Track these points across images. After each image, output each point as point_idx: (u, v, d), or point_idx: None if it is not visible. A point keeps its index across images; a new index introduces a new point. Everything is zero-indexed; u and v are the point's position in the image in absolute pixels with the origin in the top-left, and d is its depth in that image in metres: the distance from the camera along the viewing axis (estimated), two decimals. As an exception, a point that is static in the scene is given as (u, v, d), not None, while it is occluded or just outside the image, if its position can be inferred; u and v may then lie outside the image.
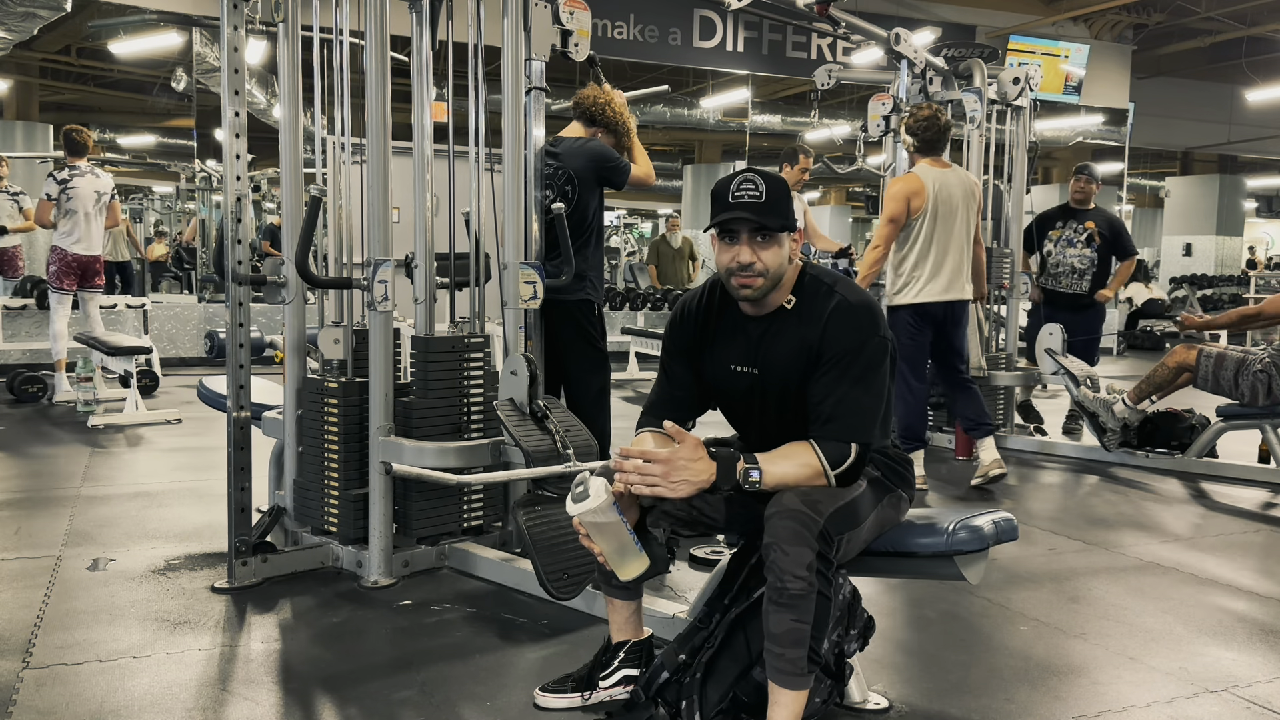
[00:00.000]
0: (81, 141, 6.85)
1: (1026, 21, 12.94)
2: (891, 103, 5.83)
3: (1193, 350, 5.10)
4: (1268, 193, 21.78)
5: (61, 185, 6.71)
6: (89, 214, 6.78)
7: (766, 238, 2.14)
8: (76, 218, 6.74)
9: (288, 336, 3.46)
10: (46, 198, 6.72)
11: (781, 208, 2.14)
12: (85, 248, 6.82)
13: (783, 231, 2.15)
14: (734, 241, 2.16)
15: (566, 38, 3.48)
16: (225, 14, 3.21)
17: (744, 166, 2.21)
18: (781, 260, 2.17)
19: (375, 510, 3.25)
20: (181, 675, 2.55)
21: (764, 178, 2.14)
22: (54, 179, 6.73)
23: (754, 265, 2.14)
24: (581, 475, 2.06)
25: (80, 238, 6.78)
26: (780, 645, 2.00)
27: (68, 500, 4.32)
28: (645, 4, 10.87)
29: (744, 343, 2.27)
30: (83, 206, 6.74)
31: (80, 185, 6.74)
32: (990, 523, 2.25)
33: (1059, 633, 2.97)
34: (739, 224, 2.14)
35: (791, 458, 2.10)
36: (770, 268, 2.15)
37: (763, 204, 2.12)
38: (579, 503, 2.02)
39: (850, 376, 2.13)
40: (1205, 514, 4.51)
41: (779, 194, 2.14)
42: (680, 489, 2.04)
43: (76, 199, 6.72)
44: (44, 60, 13.38)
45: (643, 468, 2.03)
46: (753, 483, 2.06)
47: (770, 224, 2.13)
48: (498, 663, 2.67)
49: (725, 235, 2.17)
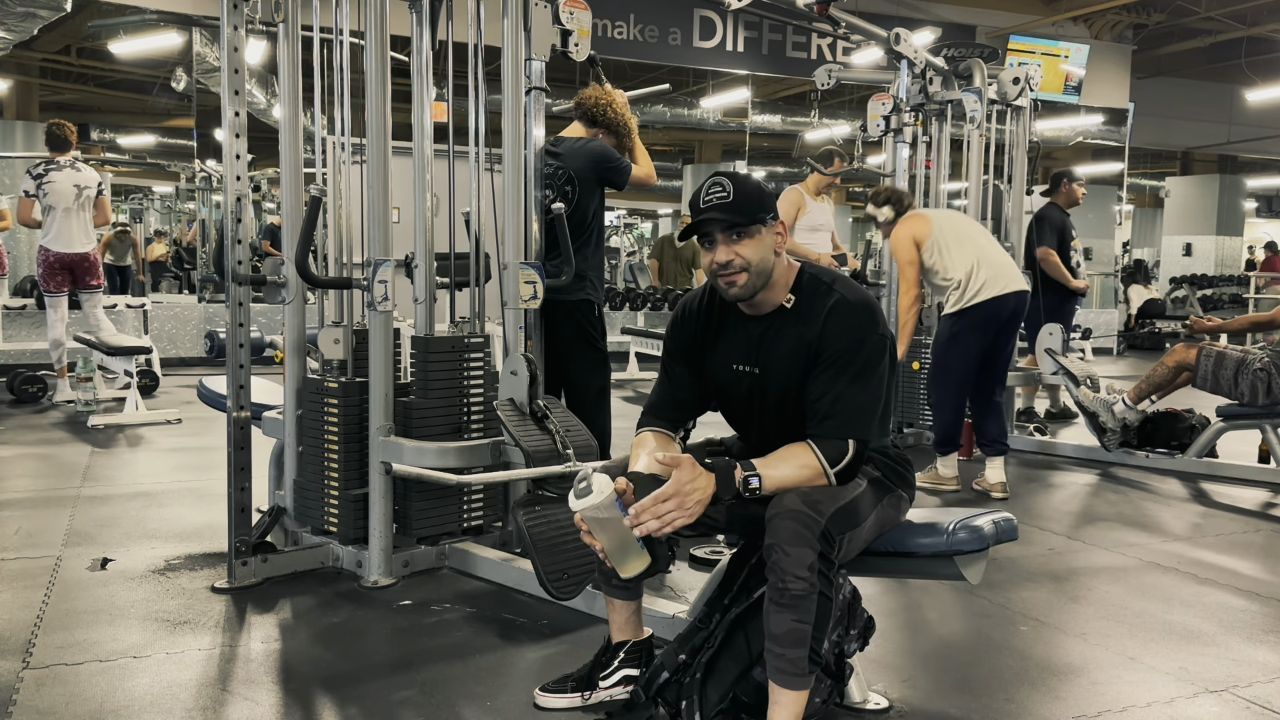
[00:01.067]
0: (63, 136, 6.62)
1: (1026, 21, 12.94)
2: (891, 103, 5.83)
3: (1192, 350, 5.11)
4: (1268, 193, 21.77)
5: (37, 180, 6.50)
6: (68, 209, 6.54)
7: (740, 234, 2.16)
8: (54, 214, 6.52)
9: (288, 336, 3.46)
10: (25, 194, 6.53)
11: (748, 204, 2.15)
12: (65, 245, 6.57)
13: (754, 224, 2.16)
14: (712, 245, 2.19)
15: (566, 38, 3.48)
16: (225, 14, 3.21)
17: (716, 172, 2.23)
18: (763, 253, 2.17)
19: (375, 510, 3.25)
20: (181, 675, 2.55)
21: (730, 178, 2.17)
22: (30, 174, 6.53)
23: (732, 262, 2.16)
24: (584, 471, 2.05)
25: (58, 235, 6.55)
26: (781, 645, 2.00)
27: (68, 500, 4.32)
28: (645, 4, 10.87)
29: (745, 343, 2.27)
30: (61, 202, 6.51)
31: (57, 180, 6.51)
32: (990, 523, 2.25)
33: (1059, 633, 2.97)
34: (710, 225, 2.17)
35: (789, 460, 2.10)
36: (752, 261, 2.16)
37: (730, 202, 2.14)
38: (581, 498, 2.01)
39: (848, 374, 2.13)
40: (1205, 514, 4.51)
41: (746, 191, 2.16)
42: (697, 510, 2.03)
43: (53, 194, 6.50)
44: (44, 60, 13.38)
45: (658, 510, 2.01)
46: (752, 489, 2.06)
47: (738, 220, 2.15)
48: (498, 663, 2.67)
49: (704, 241, 2.20)
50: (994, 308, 4.62)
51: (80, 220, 6.63)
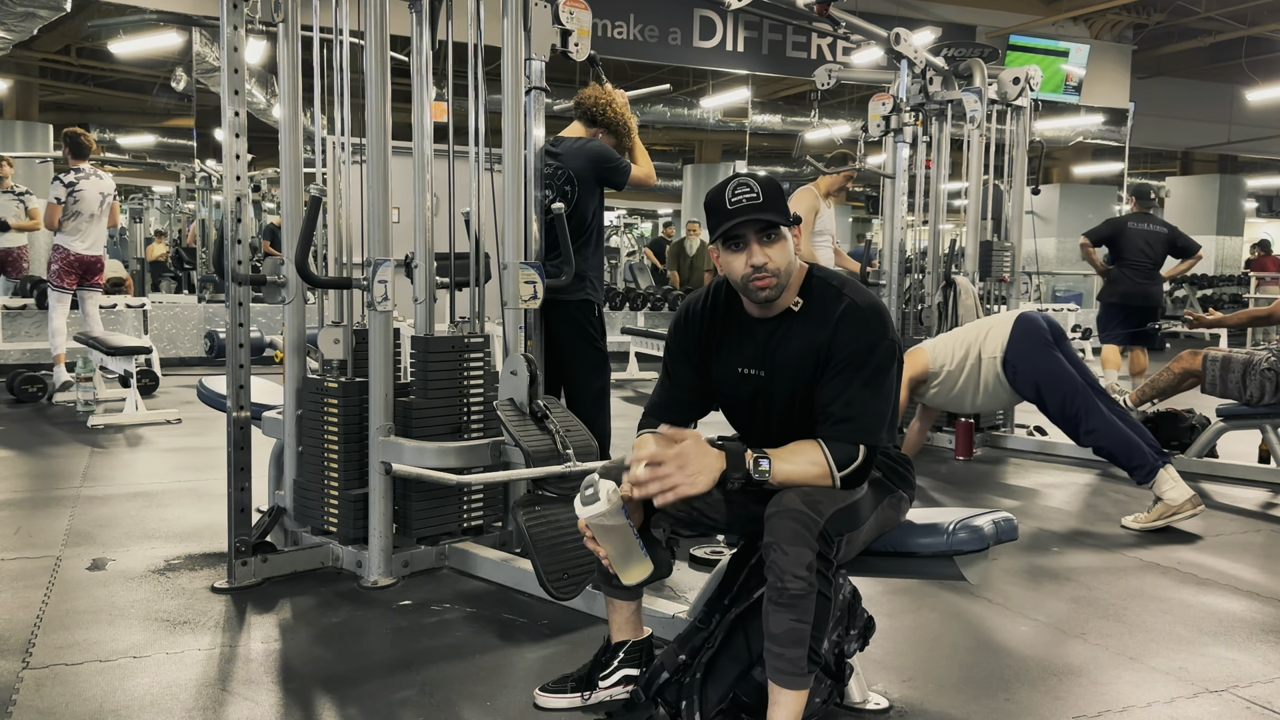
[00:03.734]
0: (85, 144, 6.93)
1: (1026, 21, 12.94)
2: (891, 103, 5.83)
3: (1198, 356, 5.10)
4: (1268, 193, 21.78)
5: (69, 188, 6.79)
6: (94, 215, 6.87)
7: (772, 237, 2.15)
8: (82, 219, 6.82)
9: (288, 336, 3.46)
10: (55, 201, 6.78)
11: (779, 204, 2.15)
12: (89, 248, 6.91)
13: (785, 227, 2.17)
14: (741, 247, 2.16)
15: (566, 37, 3.48)
16: (225, 14, 3.21)
17: (734, 172, 2.22)
18: (789, 257, 2.17)
19: (375, 510, 3.25)
20: (181, 675, 2.55)
21: (756, 179, 2.16)
22: (61, 182, 6.80)
23: (767, 265, 2.14)
24: (590, 477, 2.05)
25: (85, 238, 6.87)
26: (780, 645, 2.00)
27: (68, 500, 4.32)
28: (645, 4, 10.87)
29: (751, 345, 2.27)
30: (88, 209, 6.83)
31: (86, 188, 6.83)
32: (990, 523, 2.25)
33: (1059, 633, 2.97)
34: (744, 228, 2.14)
35: (800, 455, 2.10)
36: (780, 267, 2.15)
37: (761, 204, 2.12)
38: (588, 505, 2.00)
39: (860, 379, 2.13)
40: (1205, 514, 4.50)
41: (774, 192, 2.15)
42: (699, 480, 2.01)
43: (83, 201, 6.81)
44: (44, 60, 13.39)
45: (656, 472, 2.00)
46: (762, 471, 2.05)
47: (775, 220, 2.13)
48: (498, 663, 2.67)
49: (730, 242, 2.17)
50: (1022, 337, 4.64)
51: (101, 225, 6.98)
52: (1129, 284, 7.09)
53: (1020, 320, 4.70)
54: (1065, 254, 15.75)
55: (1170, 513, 4.09)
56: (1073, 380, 4.47)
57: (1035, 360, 4.56)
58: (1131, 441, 4.26)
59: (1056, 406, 4.48)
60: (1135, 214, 7.19)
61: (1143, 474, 4.19)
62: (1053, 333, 4.66)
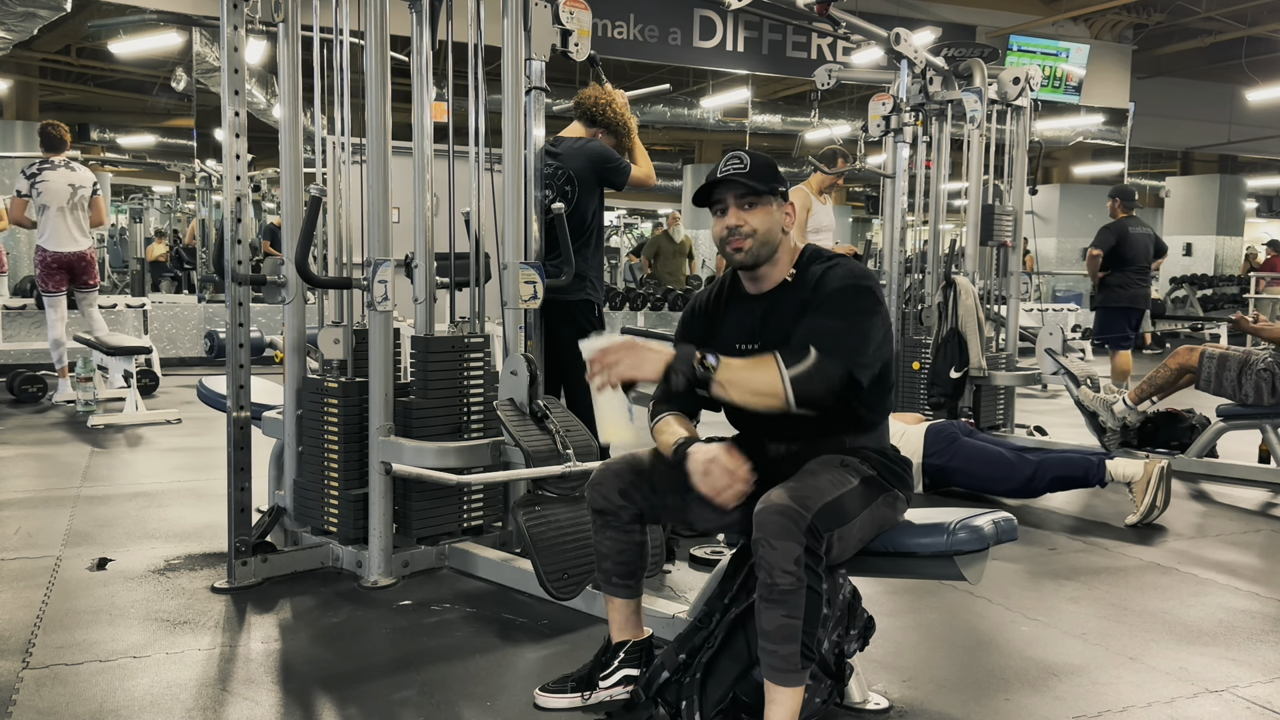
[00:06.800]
0: (58, 136, 6.68)
1: (1026, 21, 12.95)
2: (891, 103, 5.83)
3: (1194, 352, 5.11)
4: (1268, 193, 21.77)
5: (31, 180, 6.54)
6: (62, 209, 6.58)
7: (753, 203, 2.24)
8: (49, 213, 6.56)
9: (288, 336, 3.46)
10: (18, 194, 6.56)
11: (766, 174, 2.24)
12: (59, 244, 6.61)
13: (767, 194, 2.24)
14: (723, 212, 2.27)
15: (566, 37, 3.48)
16: (225, 14, 3.21)
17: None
18: (771, 224, 2.25)
19: (375, 510, 3.25)
20: (181, 675, 2.55)
21: (748, 153, 2.27)
22: (23, 174, 6.58)
23: (740, 227, 2.24)
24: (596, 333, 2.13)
25: (53, 234, 6.59)
26: (773, 642, 2.00)
27: (68, 500, 4.32)
28: (645, 4, 10.87)
29: (749, 320, 2.33)
30: (55, 201, 6.56)
31: (51, 179, 6.55)
32: (990, 523, 2.25)
33: (1059, 633, 2.97)
34: (724, 192, 2.25)
35: (752, 360, 2.15)
36: (759, 229, 2.24)
37: (746, 172, 2.23)
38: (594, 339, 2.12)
39: (825, 310, 2.18)
40: (1205, 514, 4.51)
41: (761, 164, 2.25)
42: (644, 367, 2.10)
43: (47, 193, 6.54)
44: (44, 60, 13.39)
45: (605, 358, 2.11)
46: (709, 366, 2.08)
47: (753, 186, 2.22)
48: (498, 663, 2.67)
49: (714, 206, 2.28)
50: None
51: (74, 219, 6.67)
52: (1136, 287, 7.14)
53: (930, 429, 4.62)
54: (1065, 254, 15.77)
55: (1146, 488, 4.10)
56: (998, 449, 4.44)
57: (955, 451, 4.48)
58: (1069, 458, 4.29)
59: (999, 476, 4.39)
60: (1129, 218, 7.20)
61: (1097, 475, 4.21)
62: (961, 430, 4.63)
